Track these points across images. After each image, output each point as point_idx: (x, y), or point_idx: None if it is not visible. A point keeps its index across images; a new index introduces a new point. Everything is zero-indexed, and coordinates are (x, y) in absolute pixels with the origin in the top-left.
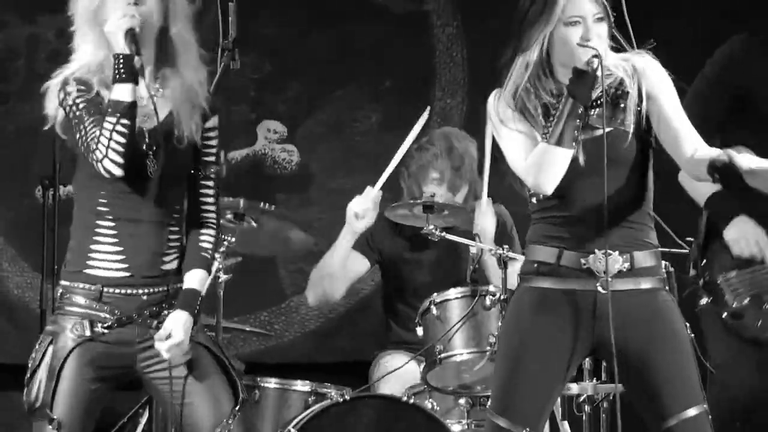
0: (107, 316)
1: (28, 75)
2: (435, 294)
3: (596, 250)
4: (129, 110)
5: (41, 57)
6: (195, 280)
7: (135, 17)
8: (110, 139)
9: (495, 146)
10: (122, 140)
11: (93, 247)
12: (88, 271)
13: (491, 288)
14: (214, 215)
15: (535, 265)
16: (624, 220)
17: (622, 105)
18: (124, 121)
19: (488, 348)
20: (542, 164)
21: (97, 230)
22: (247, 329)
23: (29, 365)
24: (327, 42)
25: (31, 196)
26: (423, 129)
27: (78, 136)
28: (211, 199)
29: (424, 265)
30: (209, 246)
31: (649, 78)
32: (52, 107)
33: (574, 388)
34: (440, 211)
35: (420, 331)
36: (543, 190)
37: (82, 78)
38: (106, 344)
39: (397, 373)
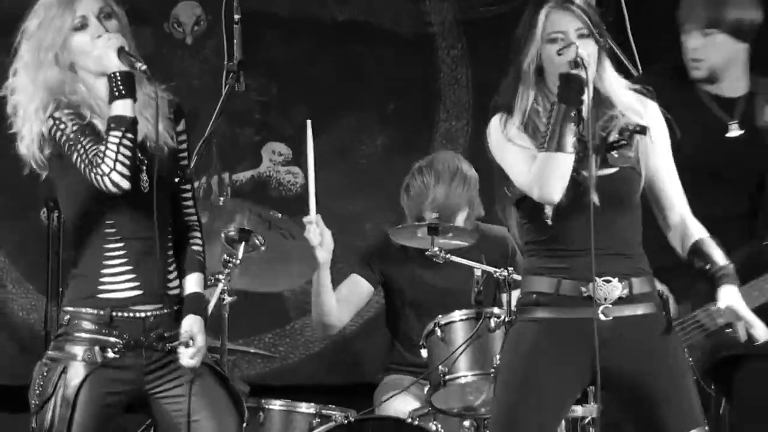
0: (116, 340)
1: None
2: (440, 316)
3: (596, 278)
4: (132, 125)
5: None
6: (195, 284)
7: (118, 36)
8: (117, 152)
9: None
10: (129, 154)
11: (104, 271)
12: (99, 295)
13: (496, 310)
14: (196, 218)
15: (534, 296)
16: (623, 251)
17: (635, 142)
18: (130, 135)
19: (493, 370)
20: (544, 172)
21: (107, 253)
22: (252, 351)
23: (36, 391)
24: (332, 64)
25: (36, 217)
26: (421, 150)
27: (75, 156)
28: (191, 202)
29: (429, 286)
30: (200, 249)
31: (653, 131)
32: (25, 144)
33: (578, 410)
34: (445, 233)
35: (424, 352)
36: (549, 200)
37: (71, 103)
38: (116, 369)
39: (402, 395)
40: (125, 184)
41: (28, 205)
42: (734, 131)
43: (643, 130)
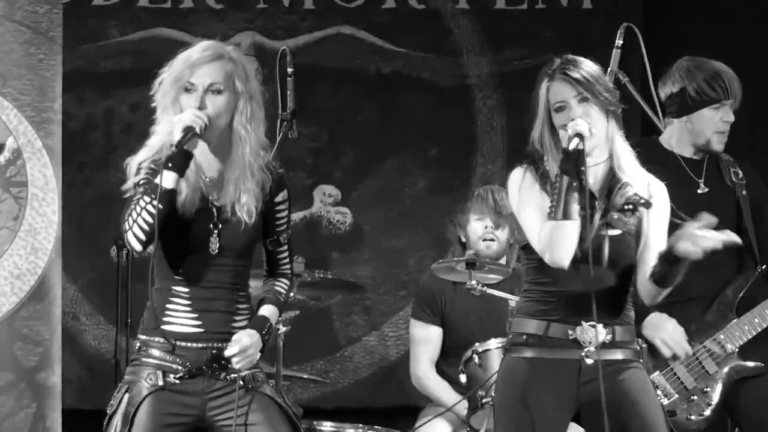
0: (179, 367)
1: (105, 145)
2: (477, 344)
3: (583, 323)
4: (165, 196)
5: (116, 129)
6: (266, 310)
7: (202, 119)
8: (139, 215)
9: None
10: (149, 220)
11: (169, 306)
12: (164, 327)
13: None
14: (288, 269)
15: (524, 336)
16: (610, 301)
17: (638, 214)
18: (156, 203)
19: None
20: (554, 240)
21: (173, 293)
22: (305, 377)
23: (107, 410)
24: (378, 113)
25: (107, 255)
26: (460, 192)
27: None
28: (285, 259)
29: (469, 317)
30: (283, 291)
31: (655, 207)
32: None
33: None
34: (481, 268)
35: (463, 378)
36: (560, 265)
37: (157, 162)
38: (177, 393)
39: (439, 420)
40: (137, 247)
41: (100, 245)
42: (703, 188)
43: (648, 204)
